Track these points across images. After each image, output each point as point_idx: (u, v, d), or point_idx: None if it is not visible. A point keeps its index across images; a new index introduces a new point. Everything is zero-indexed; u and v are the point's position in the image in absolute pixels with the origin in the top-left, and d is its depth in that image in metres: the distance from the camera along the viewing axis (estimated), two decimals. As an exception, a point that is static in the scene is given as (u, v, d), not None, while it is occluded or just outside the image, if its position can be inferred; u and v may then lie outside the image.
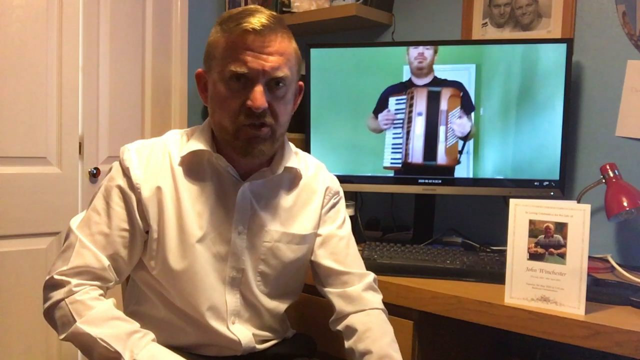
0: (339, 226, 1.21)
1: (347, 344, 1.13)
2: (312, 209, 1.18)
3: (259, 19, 1.01)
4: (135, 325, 1.00)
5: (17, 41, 1.84)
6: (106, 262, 1.04)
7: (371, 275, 1.20)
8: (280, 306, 1.18)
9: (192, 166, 1.10)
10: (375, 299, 1.17)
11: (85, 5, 1.98)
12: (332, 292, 1.17)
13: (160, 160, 1.09)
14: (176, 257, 1.06)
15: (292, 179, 1.17)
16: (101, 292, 1.04)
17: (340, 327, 1.15)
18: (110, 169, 1.11)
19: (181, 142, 1.12)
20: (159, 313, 1.11)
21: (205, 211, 1.08)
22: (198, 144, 1.09)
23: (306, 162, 1.22)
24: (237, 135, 1.04)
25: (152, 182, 1.07)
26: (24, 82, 1.86)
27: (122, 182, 1.07)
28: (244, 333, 1.12)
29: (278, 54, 1.02)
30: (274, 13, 1.06)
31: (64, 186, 1.96)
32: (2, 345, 1.86)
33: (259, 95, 1.00)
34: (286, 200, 1.15)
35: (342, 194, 1.26)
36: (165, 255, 1.06)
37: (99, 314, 0.99)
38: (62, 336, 1.00)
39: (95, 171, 2.03)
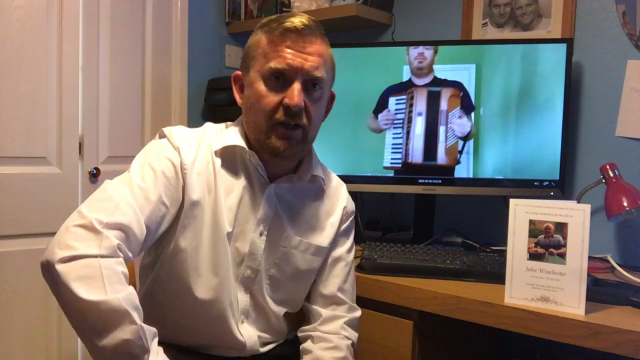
0: (347, 250, 1.23)
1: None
2: (330, 224, 1.19)
3: (300, 19, 1.04)
4: (154, 328, 0.91)
5: (17, 41, 1.84)
6: (144, 231, 0.96)
7: (358, 312, 1.22)
8: (283, 311, 1.18)
9: (227, 161, 1.10)
10: (351, 336, 1.19)
11: (85, 5, 1.98)
12: (316, 310, 1.19)
13: (203, 150, 1.09)
14: (207, 246, 1.06)
15: (317, 190, 1.19)
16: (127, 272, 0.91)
17: (302, 341, 1.18)
18: (152, 141, 1.09)
19: (216, 136, 1.12)
20: (172, 313, 1.10)
21: (234, 206, 1.08)
22: (233, 139, 1.09)
23: (329, 176, 1.24)
24: (270, 134, 1.04)
25: (196, 168, 1.06)
26: (24, 82, 1.86)
27: (174, 158, 1.04)
28: (249, 334, 1.12)
29: (317, 54, 1.05)
30: (315, 19, 1.08)
31: (64, 186, 1.96)
32: (2, 345, 1.86)
33: (297, 93, 1.02)
34: (309, 209, 1.17)
35: (353, 218, 1.27)
36: (200, 241, 1.05)
37: (134, 298, 0.87)
38: (80, 296, 0.82)
39: (95, 171, 2.03)
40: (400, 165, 1.71)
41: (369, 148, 1.72)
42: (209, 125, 1.16)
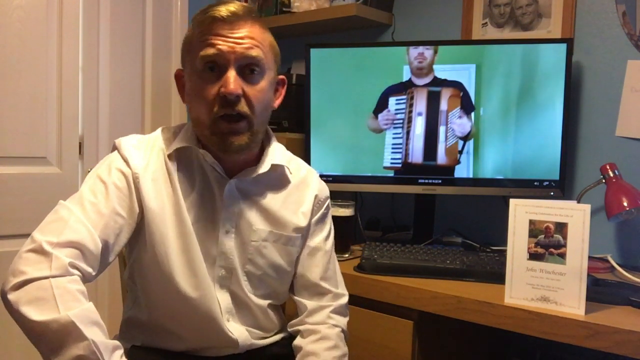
0: (325, 238, 1.20)
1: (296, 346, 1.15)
2: (301, 214, 1.16)
3: (226, 7, 1.01)
4: (116, 341, 0.90)
5: (17, 41, 1.84)
6: (99, 246, 0.95)
7: (345, 297, 1.20)
8: (267, 303, 1.16)
9: (183, 163, 1.08)
10: (339, 322, 1.17)
11: (85, 5, 1.98)
12: (301, 302, 1.17)
13: (156, 156, 1.07)
14: (178, 250, 1.04)
15: (281, 179, 1.15)
16: (84, 289, 0.91)
17: (294, 336, 1.17)
18: (103, 160, 1.08)
19: (169, 140, 1.10)
20: (163, 319, 1.09)
21: (193, 208, 1.07)
22: (182, 142, 1.08)
23: (298, 164, 1.20)
24: (213, 130, 1.02)
25: (149, 175, 1.05)
26: (24, 82, 1.86)
27: (124, 168, 1.04)
28: (239, 331, 1.11)
29: (248, 37, 1.01)
30: (246, 4, 1.06)
31: (64, 186, 1.96)
32: (2, 345, 1.86)
33: (232, 80, 0.99)
34: (275, 200, 1.14)
35: (329, 202, 1.23)
36: (168, 246, 1.04)
37: (91, 314, 0.86)
38: (32, 318, 0.83)
39: (95, 171, 2.03)
40: (400, 165, 1.71)
41: (369, 148, 1.72)
42: (162, 129, 1.14)
